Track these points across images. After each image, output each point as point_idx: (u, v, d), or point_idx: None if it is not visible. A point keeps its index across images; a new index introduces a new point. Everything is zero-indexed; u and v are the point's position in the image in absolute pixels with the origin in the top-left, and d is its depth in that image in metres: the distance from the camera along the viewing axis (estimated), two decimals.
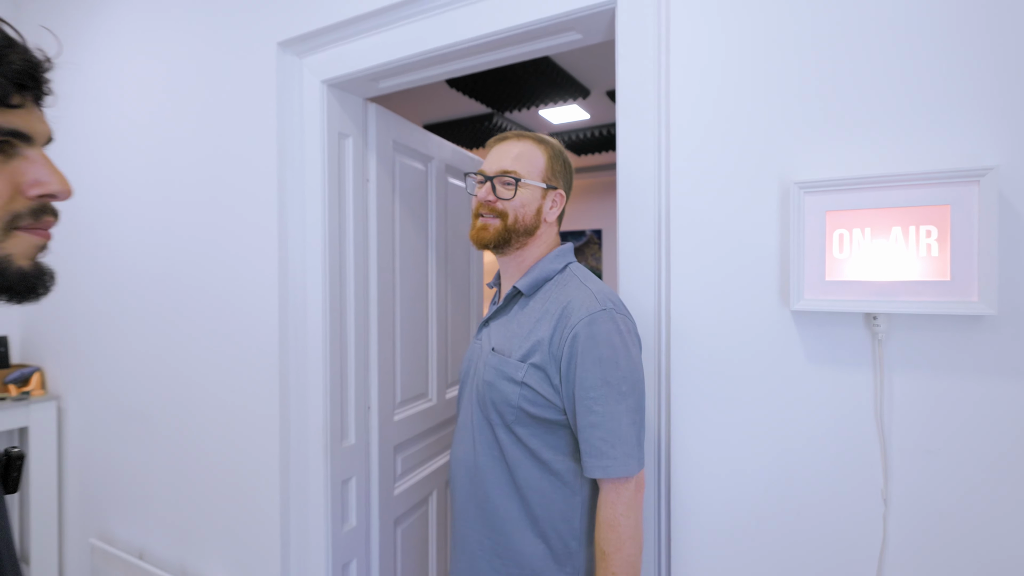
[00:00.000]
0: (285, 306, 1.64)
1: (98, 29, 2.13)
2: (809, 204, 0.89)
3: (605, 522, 0.92)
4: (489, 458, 1.02)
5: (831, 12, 0.92)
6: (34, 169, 0.49)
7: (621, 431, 0.91)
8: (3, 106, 0.46)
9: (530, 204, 1.05)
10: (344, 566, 1.71)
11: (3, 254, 0.49)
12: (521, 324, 1.02)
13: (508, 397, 0.98)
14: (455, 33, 1.35)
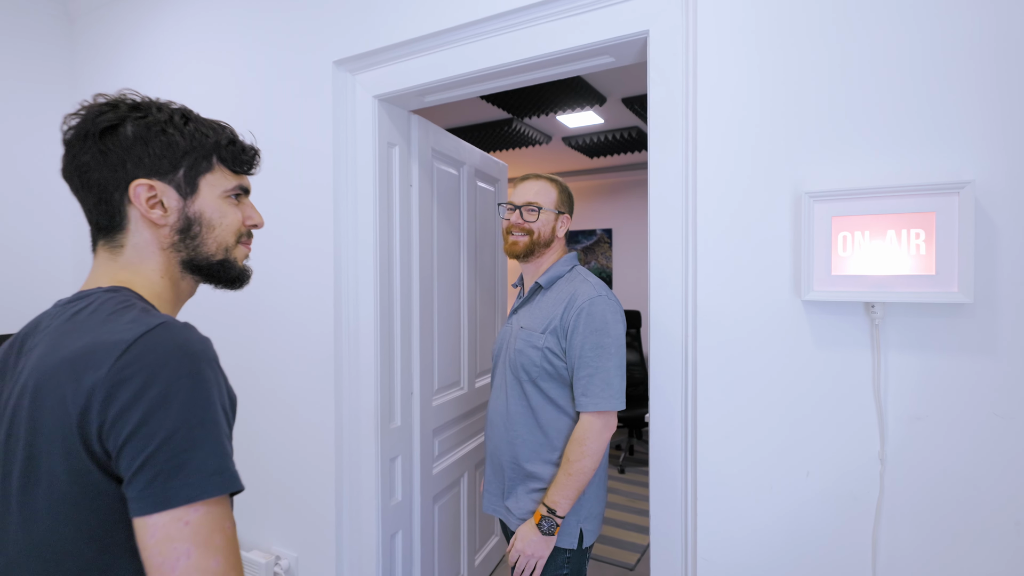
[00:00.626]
0: (339, 300, 1.81)
1: (162, 45, 2.30)
2: (818, 210, 1.06)
3: (575, 439, 1.30)
4: (519, 406, 1.40)
5: (834, 48, 1.08)
6: (248, 210, 0.81)
7: (609, 379, 1.28)
8: (240, 174, 0.79)
9: (547, 225, 1.45)
10: (392, 536, 1.88)
11: (232, 257, 0.79)
12: (542, 309, 1.41)
13: (533, 358, 1.36)
14: (499, 56, 1.52)
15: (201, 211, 0.73)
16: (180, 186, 0.72)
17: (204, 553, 0.54)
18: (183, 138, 0.71)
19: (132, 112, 0.69)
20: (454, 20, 1.54)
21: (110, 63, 2.52)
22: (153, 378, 0.56)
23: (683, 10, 1.25)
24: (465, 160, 2.33)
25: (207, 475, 0.56)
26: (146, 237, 0.71)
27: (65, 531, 0.57)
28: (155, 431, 0.54)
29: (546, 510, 1.29)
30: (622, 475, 4.11)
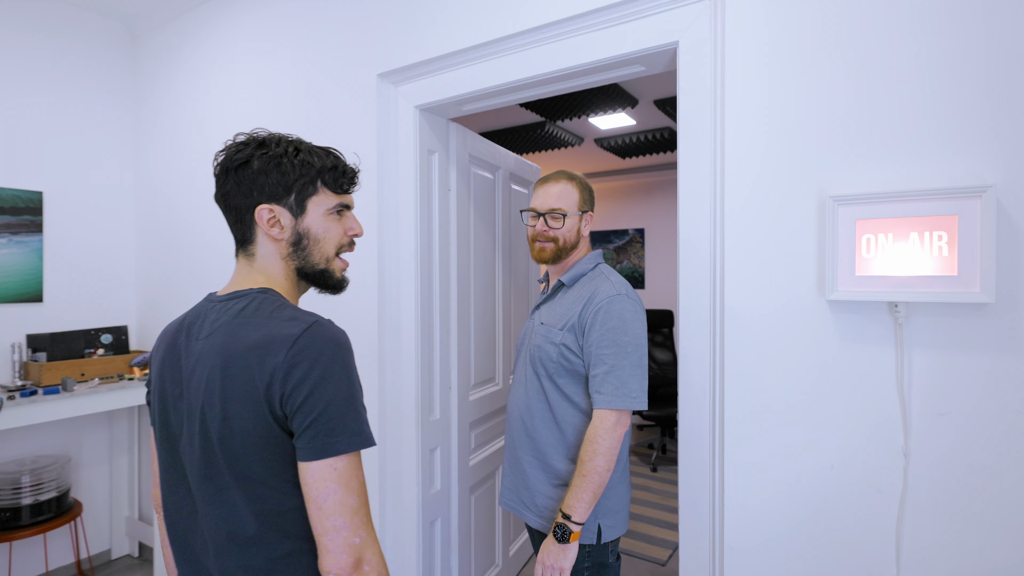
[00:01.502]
0: (383, 299, 1.92)
1: (217, 61, 2.47)
2: (842, 214, 1.10)
3: (587, 438, 1.27)
4: (537, 401, 1.41)
5: (858, 56, 1.12)
6: (349, 221, 0.95)
7: (624, 378, 1.26)
8: (343, 192, 0.92)
9: (572, 229, 1.44)
10: (431, 523, 1.99)
11: (331, 268, 0.93)
12: (563, 306, 1.41)
13: (551, 354, 1.37)
14: (534, 67, 1.60)
15: (308, 227, 0.90)
16: (292, 207, 0.88)
17: (346, 491, 0.76)
18: (293, 169, 0.87)
19: (258, 149, 0.87)
20: (492, 34, 1.62)
21: (169, 78, 2.70)
22: (315, 363, 0.76)
23: (711, 22, 1.31)
24: (500, 164, 2.41)
25: (351, 435, 0.77)
26: (270, 248, 0.90)
27: (255, 465, 0.79)
28: (317, 403, 0.75)
29: (561, 516, 1.26)
30: (654, 473, 4.14)
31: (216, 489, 0.81)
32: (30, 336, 2.53)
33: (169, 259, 2.76)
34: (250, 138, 0.88)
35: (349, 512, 0.75)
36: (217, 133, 2.47)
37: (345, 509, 0.75)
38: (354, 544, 0.76)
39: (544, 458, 1.39)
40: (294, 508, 0.80)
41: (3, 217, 2.50)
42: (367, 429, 0.79)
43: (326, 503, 0.75)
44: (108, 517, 2.88)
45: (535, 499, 1.41)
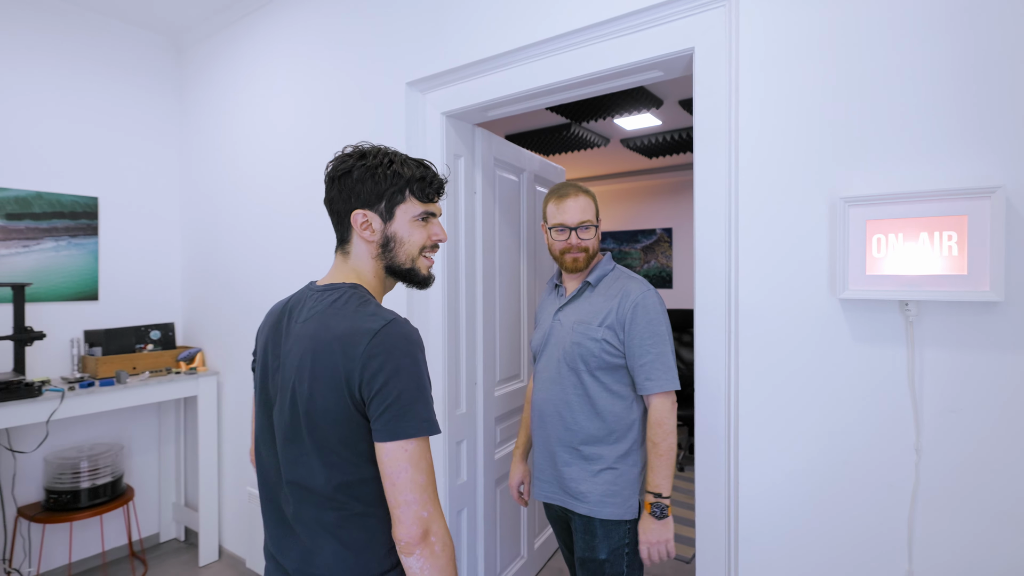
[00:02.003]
0: (411, 297, 2.01)
1: (257, 73, 2.60)
2: (852, 215, 1.13)
3: (655, 422, 1.42)
4: (575, 395, 1.51)
5: (868, 60, 1.15)
6: (434, 228, 1.05)
7: (668, 362, 1.43)
8: (428, 201, 1.03)
9: (596, 236, 1.56)
10: (458, 513, 2.07)
11: (416, 267, 1.05)
12: (593, 305, 1.52)
13: (592, 350, 1.47)
14: (556, 74, 1.66)
15: (395, 232, 1.01)
16: (382, 213, 1.00)
17: (416, 470, 0.87)
18: (385, 179, 0.99)
19: (358, 161, 1.00)
20: (515, 43, 1.69)
21: (211, 88, 2.85)
22: (390, 356, 0.88)
23: (726, 28, 1.35)
24: (525, 167, 2.48)
25: (420, 421, 0.87)
26: (363, 249, 1.02)
27: (332, 437, 0.91)
28: (391, 391, 0.87)
29: (652, 497, 1.39)
30: (681, 472, 4.14)
31: (298, 452, 0.94)
32: (87, 332, 2.72)
33: (211, 261, 2.92)
34: (354, 150, 1.02)
35: (419, 489, 0.86)
36: (255, 140, 2.61)
37: (415, 486, 0.86)
38: (422, 517, 0.86)
39: (585, 449, 1.49)
40: (365, 479, 0.92)
41: (63, 221, 2.69)
42: (434, 417, 0.90)
43: (399, 480, 0.86)
44: (157, 502, 3.06)
45: (579, 487, 1.48)
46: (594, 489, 1.46)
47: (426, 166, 1.03)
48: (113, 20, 2.83)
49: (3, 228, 2.51)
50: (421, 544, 0.86)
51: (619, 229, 5.84)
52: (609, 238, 5.90)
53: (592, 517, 1.46)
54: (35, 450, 2.58)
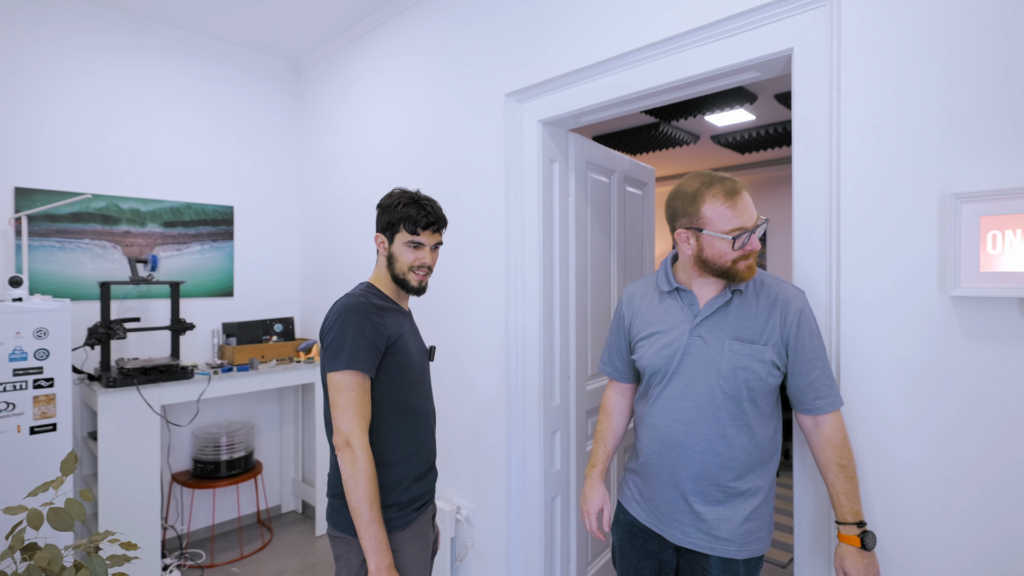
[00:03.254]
0: (509, 295, 2.14)
1: (366, 89, 2.86)
2: (965, 211, 1.11)
3: (840, 442, 1.23)
4: (735, 428, 1.26)
5: (978, 54, 1.12)
6: (420, 254, 1.43)
7: (832, 376, 1.27)
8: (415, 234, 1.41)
9: None
10: (552, 499, 2.18)
11: (407, 279, 1.44)
12: (747, 319, 1.27)
13: (759, 373, 1.24)
14: (651, 79, 1.72)
15: (394, 251, 1.43)
16: (388, 237, 1.43)
17: (337, 395, 1.24)
18: (390, 215, 1.41)
19: (383, 199, 1.45)
20: (609, 52, 1.77)
21: (325, 106, 3.16)
22: (333, 317, 1.31)
23: (827, 27, 1.35)
24: (615, 168, 2.54)
25: (340, 359, 1.25)
26: (380, 259, 1.46)
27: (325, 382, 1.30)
28: (329, 339, 1.28)
29: (858, 528, 1.19)
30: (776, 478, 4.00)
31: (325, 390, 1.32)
32: (224, 324, 3.11)
33: (324, 262, 3.23)
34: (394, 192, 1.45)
35: (339, 409, 1.22)
36: (362, 151, 2.86)
37: (337, 406, 1.23)
38: (342, 430, 1.21)
39: (742, 481, 1.28)
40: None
41: (207, 227, 3.10)
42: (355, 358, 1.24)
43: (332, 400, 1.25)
44: (279, 477, 3.43)
45: (724, 527, 1.28)
46: (740, 529, 1.27)
47: (421, 206, 1.40)
48: (242, 49, 3.21)
49: (161, 234, 2.94)
50: (342, 450, 1.20)
51: None
52: None
53: (735, 559, 1.28)
54: (188, 424, 3.00)
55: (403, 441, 1.36)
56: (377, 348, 1.29)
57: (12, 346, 2.09)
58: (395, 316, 1.40)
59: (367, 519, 1.18)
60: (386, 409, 1.33)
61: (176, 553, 2.85)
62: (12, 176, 2.50)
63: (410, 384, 1.39)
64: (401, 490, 1.35)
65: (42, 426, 2.15)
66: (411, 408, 1.39)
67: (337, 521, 1.34)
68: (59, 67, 2.62)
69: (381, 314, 1.33)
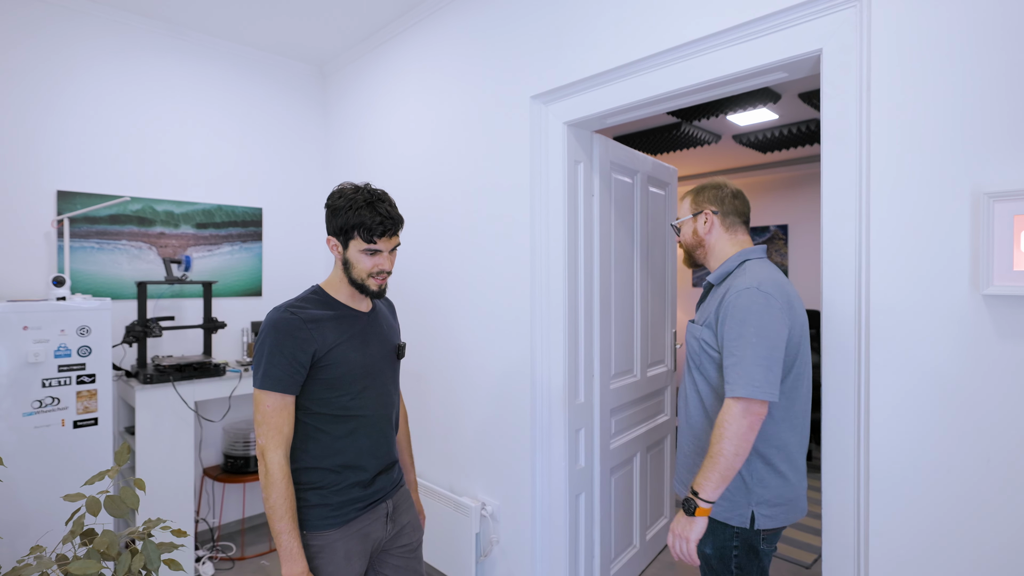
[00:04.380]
0: (534, 292, 2.17)
1: (390, 94, 2.92)
2: (998, 210, 1.12)
3: (716, 423, 1.32)
4: (691, 392, 1.53)
5: (1011, 54, 1.12)
6: (379, 259, 1.36)
7: (746, 367, 1.29)
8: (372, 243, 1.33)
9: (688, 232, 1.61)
10: (576, 496, 2.20)
11: (365, 283, 1.37)
12: (710, 305, 1.49)
13: (694, 348, 1.50)
14: (678, 81, 1.73)
15: (349, 257, 1.36)
16: (341, 242, 1.36)
17: (256, 411, 1.27)
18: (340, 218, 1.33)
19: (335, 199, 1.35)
20: (635, 55, 1.79)
21: (351, 110, 3.22)
22: (260, 331, 1.30)
23: (857, 27, 1.36)
24: (638, 169, 2.56)
25: (256, 377, 1.27)
26: (335, 261, 1.40)
27: None
28: (255, 355, 1.28)
29: (690, 492, 1.34)
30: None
31: None
32: (253, 323, 3.18)
33: None
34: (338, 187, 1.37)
35: (256, 424, 1.26)
36: (386, 153, 2.92)
37: (255, 422, 1.27)
38: (259, 444, 1.26)
39: (700, 443, 1.49)
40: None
41: (237, 229, 3.18)
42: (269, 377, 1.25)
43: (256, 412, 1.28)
44: None
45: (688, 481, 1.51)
46: None
47: (376, 211, 1.31)
48: (270, 54, 3.29)
49: (194, 235, 3.03)
50: (260, 462, 1.25)
51: None
52: None
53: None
54: (220, 420, 3.08)
55: (342, 447, 1.35)
56: (299, 364, 1.27)
57: (57, 343, 2.17)
58: (334, 325, 1.35)
59: (278, 528, 1.23)
60: (319, 418, 1.33)
61: (208, 545, 2.93)
62: (54, 180, 2.60)
63: (349, 393, 1.35)
64: (336, 491, 1.33)
65: (84, 420, 2.23)
66: (351, 416, 1.36)
67: None
68: (97, 75, 2.72)
69: (311, 328, 1.29)
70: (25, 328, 2.11)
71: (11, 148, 2.50)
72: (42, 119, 2.57)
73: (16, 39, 2.51)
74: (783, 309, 1.33)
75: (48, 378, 2.15)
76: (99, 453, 2.26)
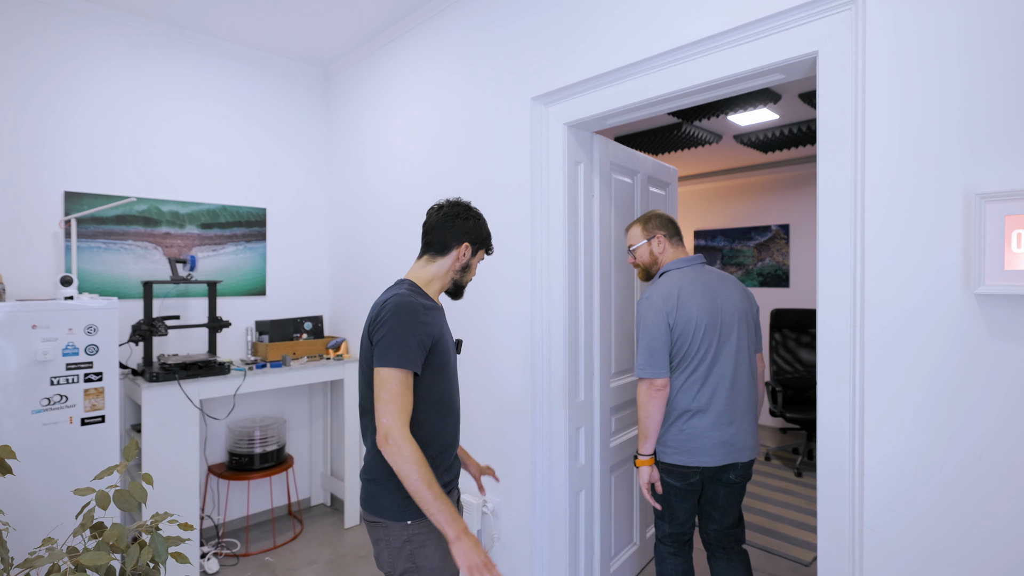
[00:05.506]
0: (535, 292, 2.20)
1: (393, 95, 2.94)
2: (989, 210, 1.14)
3: (638, 402, 1.79)
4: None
5: (1005, 57, 1.14)
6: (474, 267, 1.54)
7: (642, 355, 1.76)
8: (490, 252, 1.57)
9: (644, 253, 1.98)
10: (577, 493, 2.22)
11: (464, 287, 1.55)
12: None
13: None
14: (677, 82, 1.75)
15: (471, 263, 1.51)
16: (473, 250, 1.50)
17: (381, 389, 1.26)
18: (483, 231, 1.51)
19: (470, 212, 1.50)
20: (635, 56, 1.81)
21: (354, 111, 3.25)
22: (386, 313, 1.31)
23: (852, 30, 1.38)
24: (639, 169, 2.58)
25: (391, 357, 1.27)
26: (448, 265, 1.49)
27: (367, 372, 1.37)
28: (381, 335, 1.29)
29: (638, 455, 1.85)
30: (799, 478, 3.99)
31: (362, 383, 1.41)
32: (257, 322, 3.22)
33: (352, 262, 3.32)
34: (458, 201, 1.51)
35: (382, 403, 1.24)
36: (388, 154, 2.94)
37: (380, 400, 1.24)
38: (383, 423, 1.23)
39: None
40: None
41: (241, 229, 3.21)
42: (405, 358, 1.27)
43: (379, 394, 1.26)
44: (308, 471, 3.53)
45: None
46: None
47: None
48: (274, 55, 3.32)
49: (199, 236, 3.06)
50: (384, 445, 1.22)
51: (731, 227, 5.68)
52: (720, 236, 5.76)
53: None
54: (225, 418, 3.11)
55: (439, 433, 1.41)
56: (423, 347, 1.33)
57: (65, 342, 2.21)
58: (437, 315, 1.43)
59: (430, 498, 1.20)
60: (427, 404, 1.37)
61: (213, 542, 2.97)
62: (62, 181, 2.63)
63: (446, 380, 1.43)
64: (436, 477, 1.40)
65: (92, 418, 2.27)
66: (446, 402, 1.43)
67: (373, 506, 1.37)
68: (103, 77, 2.75)
69: (428, 314, 1.35)
70: (34, 327, 2.15)
71: (19, 150, 2.53)
72: (49, 121, 2.61)
73: (22, 41, 2.54)
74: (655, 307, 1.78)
75: (56, 376, 2.19)
76: (106, 450, 2.29)
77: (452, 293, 1.53)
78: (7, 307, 2.10)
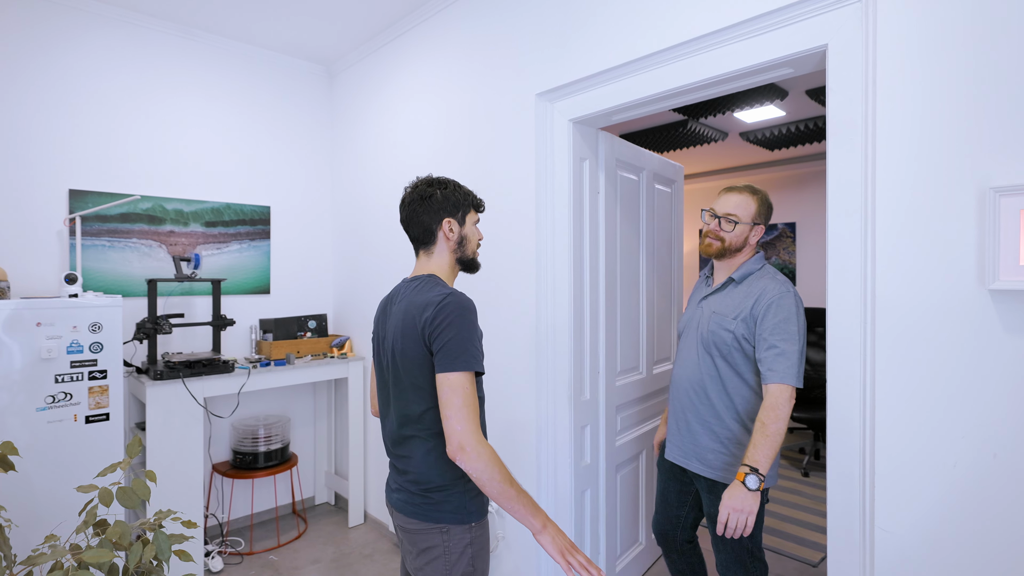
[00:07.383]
0: (540, 290, 2.18)
1: (396, 94, 2.93)
2: (1004, 205, 1.11)
3: (769, 405, 1.52)
4: (709, 376, 1.71)
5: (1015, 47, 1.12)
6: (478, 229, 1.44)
7: (792, 360, 1.54)
8: (480, 210, 1.43)
9: (740, 236, 1.73)
10: (582, 493, 2.21)
11: (475, 257, 1.44)
12: (734, 299, 1.70)
13: (724, 339, 1.67)
14: (684, 77, 1.73)
15: (465, 233, 1.40)
16: (460, 220, 1.38)
17: (454, 395, 1.16)
18: (459, 197, 1.38)
19: (436, 187, 1.37)
20: (641, 51, 1.80)
21: (358, 109, 3.24)
22: (446, 316, 1.21)
23: (863, 22, 1.36)
24: (644, 166, 2.56)
25: (461, 361, 1.19)
26: (443, 247, 1.39)
27: (417, 376, 1.25)
28: (446, 338, 1.20)
29: (749, 469, 1.47)
30: (806, 478, 3.96)
31: (400, 389, 1.30)
32: (261, 320, 3.21)
33: (356, 260, 3.31)
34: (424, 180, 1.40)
35: (454, 408, 1.15)
36: (395, 154, 2.93)
37: (453, 407, 1.16)
38: (456, 431, 1.14)
39: (714, 421, 1.70)
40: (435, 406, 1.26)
41: (245, 227, 3.21)
42: (474, 360, 1.20)
43: (444, 400, 1.17)
44: (312, 470, 3.53)
45: (704, 455, 1.72)
46: (717, 460, 1.69)
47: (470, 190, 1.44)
48: (279, 54, 3.31)
49: (203, 234, 3.06)
50: (459, 454, 1.14)
51: None
52: None
53: (717, 481, 1.69)
54: (229, 416, 3.11)
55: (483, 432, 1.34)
56: (481, 347, 1.28)
57: (70, 339, 2.21)
58: None
59: (514, 495, 1.16)
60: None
61: (217, 540, 2.96)
62: (67, 179, 2.63)
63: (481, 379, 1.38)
64: None
65: (96, 415, 2.27)
66: (482, 400, 1.39)
67: (434, 514, 1.28)
68: (108, 75, 2.75)
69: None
70: (38, 324, 2.15)
71: (24, 148, 2.54)
72: (54, 119, 2.61)
73: (26, 38, 2.54)
74: (803, 310, 1.61)
75: (61, 374, 2.18)
76: (110, 448, 2.29)
77: (467, 269, 1.43)
78: (12, 305, 2.10)
